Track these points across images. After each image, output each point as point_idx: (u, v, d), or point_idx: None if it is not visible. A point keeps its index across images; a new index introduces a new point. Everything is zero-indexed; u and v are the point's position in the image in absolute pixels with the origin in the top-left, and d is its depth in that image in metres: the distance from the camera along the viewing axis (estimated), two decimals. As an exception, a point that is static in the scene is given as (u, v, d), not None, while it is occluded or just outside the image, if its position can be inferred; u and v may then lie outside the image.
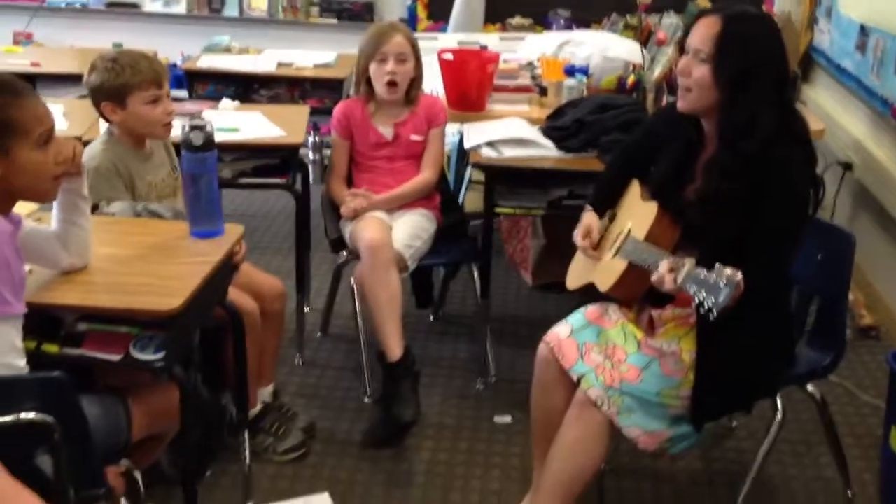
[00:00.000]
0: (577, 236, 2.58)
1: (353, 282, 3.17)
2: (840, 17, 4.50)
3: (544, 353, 2.45)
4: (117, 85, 2.57)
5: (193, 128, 2.26)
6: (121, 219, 2.46)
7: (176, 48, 5.38)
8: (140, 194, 2.64)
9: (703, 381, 2.32)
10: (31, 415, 1.80)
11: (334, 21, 5.57)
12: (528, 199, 3.18)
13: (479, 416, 3.13)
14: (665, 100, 3.55)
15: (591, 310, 2.49)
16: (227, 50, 4.43)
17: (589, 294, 2.57)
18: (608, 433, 2.33)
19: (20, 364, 1.84)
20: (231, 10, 5.59)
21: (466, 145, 3.24)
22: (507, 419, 3.11)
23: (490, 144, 3.16)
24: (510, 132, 3.21)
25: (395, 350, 2.87)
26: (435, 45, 4.09)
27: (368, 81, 3.21)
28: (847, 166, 4.11)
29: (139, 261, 2.21)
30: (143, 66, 2.59)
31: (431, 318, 3.74)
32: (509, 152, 3.13)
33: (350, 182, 3.29)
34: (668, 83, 3.52)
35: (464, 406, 3.19)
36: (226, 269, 2.36)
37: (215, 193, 2.33)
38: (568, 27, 5.28)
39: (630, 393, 2.30)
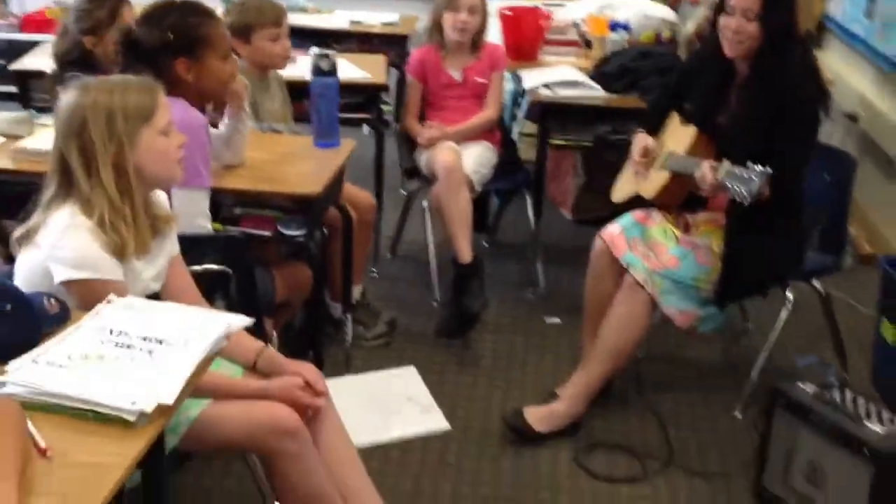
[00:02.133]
0: (636, 153, 3.09)
1: (425, 204, 3.71)
2: (851, -14, 4.99)
3: (599, 246, 3.00)
4: (244, 23, 3.11)
5: (322, 56, 2.79)
6: (255, 131, 3.00)
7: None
8: (261, 118, 3.18)
9: (729, 269, 2.86)
10: (215, 266, 2.35)
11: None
12: (576, 134, 3.72)
13: (531, 318, 3.68)
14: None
15: (637, 213, 3.03)
16: (303, 10, 4.94)
17: (632, 205, 3.12)
18: (650, 311, 2.88)
19: (208, 226, 2.38)
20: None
21: (526, 86, 3.77)
22: (556, 320, 3.66)
23: (546, 86, 3.69)
24: (563, 76, 3.74)
25: (466, 253, 3.41)
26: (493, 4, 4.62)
27: (440, 30, 3.73)
28: (853, 118, 4.62)
29: (280, 162, 2.76)
30: (266, 8, 3.12)
31: (486, 243, 4.27)
32: (563, 92, 3.67)
33: (422, 119, 3.82)
34: (699, 37, 4.03)
35: (518, 309, 3.73)
36: (341, 174, 2.90)
37: (335, 112, 2.86)
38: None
39: (670, 277, 2.85)
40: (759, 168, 2.55)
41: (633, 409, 3.10)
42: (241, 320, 1.79)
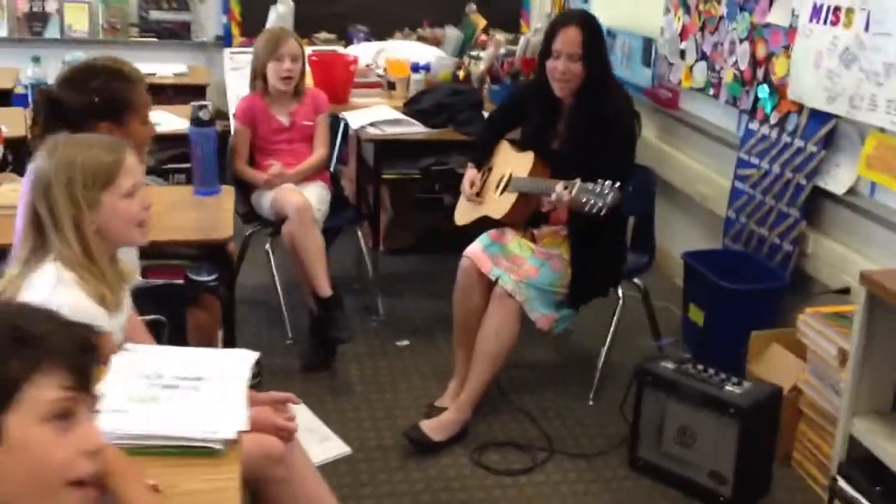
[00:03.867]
0: (465, 186, 3.43)
1: (267, 247, 3.84)
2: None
3: (466, 265, 3.29)
4: None
5: (200, 107, 2.89)
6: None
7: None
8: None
9: (578, 274, 3.26)
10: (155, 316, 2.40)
11: (154, 39, 6.05)
12: (404, 168, 4.00)
13: (384, 343, 3.90)
14: (486, 88, 4.51)
15: (491, 233, 3.35)
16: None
17: (476, 228, 3.46)
18: (520, 318, 3.21)
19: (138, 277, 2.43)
20: (52, 32, 5.93)
21: (353, 126, 4.01)
22: (406, 342, 3.91)
23: (372, 125, 3.95)
24: (385, 115, 4.02)
25: (326, 287, 3.58)
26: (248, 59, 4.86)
27: (264, 78, 3.89)
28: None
29: (171, 211, 2.82)
30: None
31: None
32: (390, 129, 3.94)
33: (251, 165, 3.94)
34: (491, 74, 4.47)
35: (369, 336, 3.95)
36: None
37: (214, 160, 2.97)
38: (367, 40, 6.12)
39: (532, 285, 3.20)
40: (608, 182, 2.96)
41: (504, 409, 3.42)
42: (253, 354, 1.91)
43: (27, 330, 1.14)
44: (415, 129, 3.99)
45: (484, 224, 3.43)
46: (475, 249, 3.30)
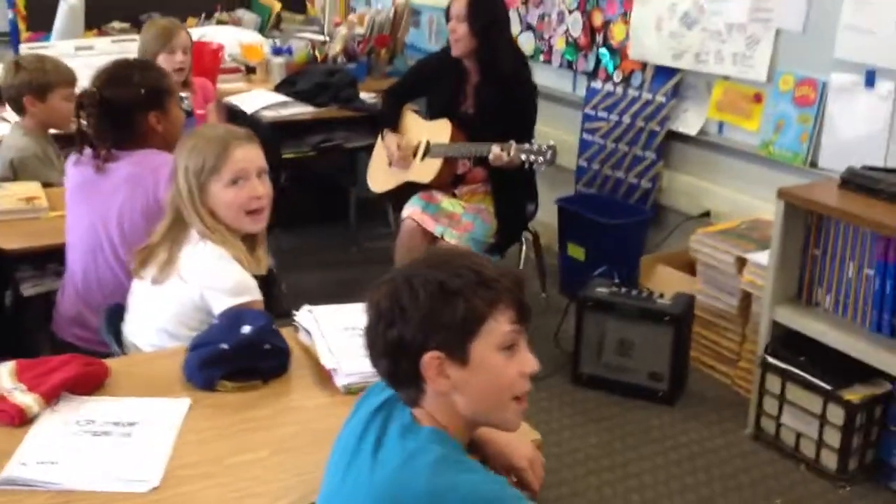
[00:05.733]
0: (393, 149, 3.74)
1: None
2: None
3: (410, 225, 3.61)
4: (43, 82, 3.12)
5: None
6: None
7: None
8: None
9: (503, 223, 3.70)
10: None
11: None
12: (297, 147, 4.21)
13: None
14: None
15: (422, 195, 3.70)
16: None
17: (396, 192, 3.80)
18: (462, 268, 3.59)
19: None
20: None
21: (248, 111, 4.15)
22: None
23: (266, 109, 4.12)
24: (272, 99, 4.20)
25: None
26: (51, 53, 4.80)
27: (152, 71, 3.93)
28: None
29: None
30: (63, 68, 3.16)
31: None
32: (286, 111, 4.13)
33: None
34: (346, 53, 4.75)
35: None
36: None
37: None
38: (163, 28, 6.09)
39: (472, 238, 3.60)
40: (546, 144, 3.41)
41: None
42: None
43: (486, 274, 1.38)
44: (306, 108, 4.21)
45: (403, 189, 3.76)
46: (415, 210, 3.63)
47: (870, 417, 2.98)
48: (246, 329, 1.87)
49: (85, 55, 5.33)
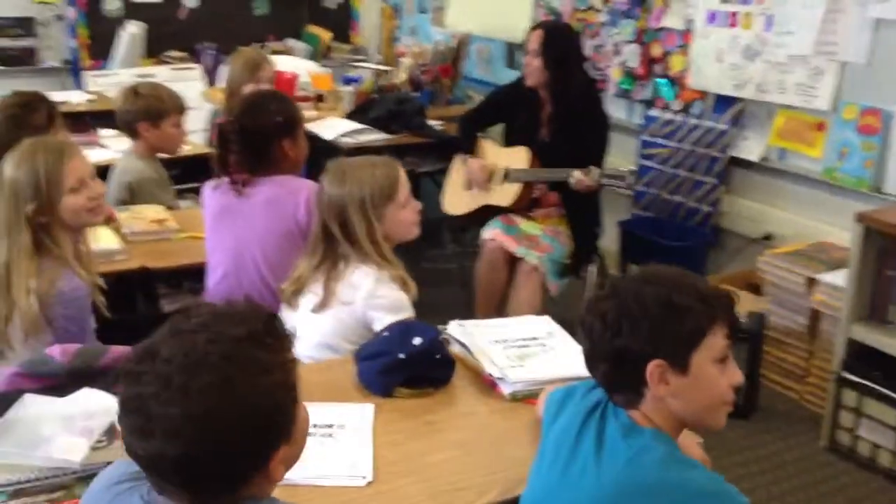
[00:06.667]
0: (478, 174, 3.91)
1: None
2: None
3: (493, 246, 3.78)
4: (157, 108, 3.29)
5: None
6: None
7: None
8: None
9: (578, 244, 3.87)
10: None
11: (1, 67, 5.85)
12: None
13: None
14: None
15: (501, 218, 3.87)
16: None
17: (474, 216, 3.97)
18: (543, 288, 3.76)
19: None
20: None
21: (327, 138, 4.32)
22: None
23: (344, 136, 4.30)
24: (349, 126, 4.38)
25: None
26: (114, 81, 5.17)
27: (238, 98, 4.11)
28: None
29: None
30: (175, 95, 3.33)
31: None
32: (362, 138, 4.32)
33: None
34: (411, 82, 4.94)
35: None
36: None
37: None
38: (216, 57, 6.30)
39: (550, 259, 3.76)
40: (624, 167, 3.60)
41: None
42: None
43: (708, 291, 1.55)
44: (380, 135, 4.39)
45: (482, 212, 3.94)
46: (496, 232, 3.80)
47: (944, 429, 3.16)
48: (418, 340, 2.03)
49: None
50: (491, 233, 3.81)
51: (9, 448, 1.61)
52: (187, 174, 3.76)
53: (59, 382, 2.05)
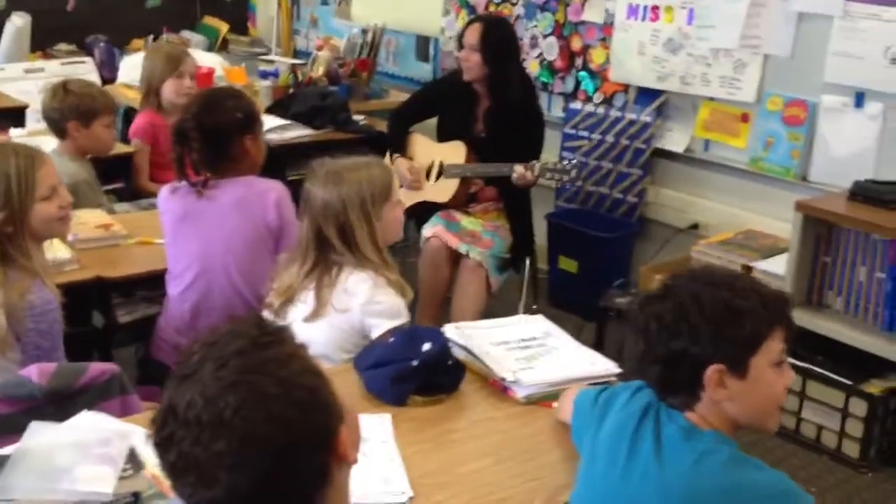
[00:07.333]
0: (406, 174, 3.84)
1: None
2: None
3: (435, 243, 3.71)
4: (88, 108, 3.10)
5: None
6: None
7: None
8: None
9: (517, 239, 3.86)
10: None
11: None
12: (299, 170, 4.24)
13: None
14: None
15: (441, 214, 3.82)
16: None
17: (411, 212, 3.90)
18: (487, 284, 3.73)
19: None
20: None
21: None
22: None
23: (268, 132, 4.15)
24: (272, 122, 4.23)
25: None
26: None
27: (157, 95, 3.92)
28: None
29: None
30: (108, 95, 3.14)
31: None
32: (288, 134, 4.18)
33: (151, 180, 3.95)
34: (329, 76, 4.81)
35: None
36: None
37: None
38: (109, 50, 6.01)
39: (492, 254, 3.74)
40: (568, 161, 3.60)
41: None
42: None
43: (767, 295, 1.54)
44: (305, 131, 4.27)
45: (419, 208, 3.87)
46: (437, 229, 3.74)
47: (886, 408, 3.28)
48: (427, 346, 1.96)
49: (34, 77, 5.26)
50: (432, 230, 3.75)
51: (28, 481, 1.47)
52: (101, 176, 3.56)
53: (37, 405, 1.91)
